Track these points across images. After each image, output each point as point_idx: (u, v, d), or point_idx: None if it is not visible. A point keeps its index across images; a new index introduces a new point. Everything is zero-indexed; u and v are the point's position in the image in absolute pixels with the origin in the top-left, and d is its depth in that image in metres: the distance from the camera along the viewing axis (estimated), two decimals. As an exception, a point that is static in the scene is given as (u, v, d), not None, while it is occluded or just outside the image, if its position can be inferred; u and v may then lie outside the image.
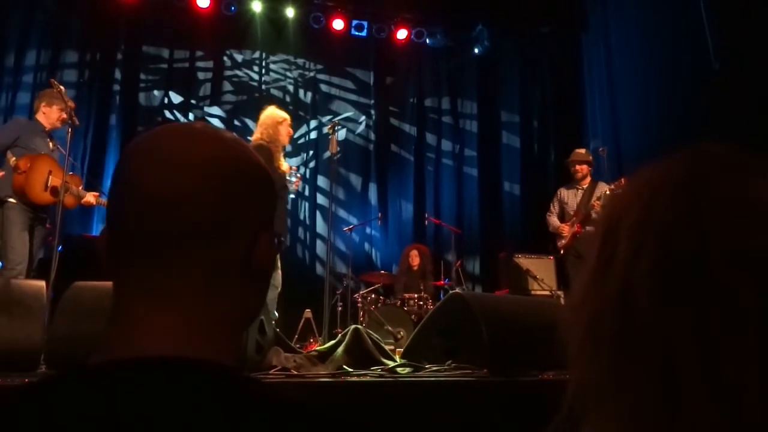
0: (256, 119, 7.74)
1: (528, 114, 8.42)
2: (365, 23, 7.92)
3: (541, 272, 6.19)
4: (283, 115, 4.59)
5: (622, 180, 5.04)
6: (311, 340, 5.57)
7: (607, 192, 5.17)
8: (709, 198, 0.51)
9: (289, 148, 7.53)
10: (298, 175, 4.55)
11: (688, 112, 5.62)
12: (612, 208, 0.56)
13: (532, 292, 6.01)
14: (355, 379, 2.46)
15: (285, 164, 4.52)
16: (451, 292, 3.20)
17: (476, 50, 8.31)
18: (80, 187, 4.57)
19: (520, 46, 8.37)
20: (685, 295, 0.48)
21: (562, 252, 5.53)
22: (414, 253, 6.63)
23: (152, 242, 0.62)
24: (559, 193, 5.75)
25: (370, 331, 3.07)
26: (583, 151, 5.62)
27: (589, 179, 5.51)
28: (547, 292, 5.97)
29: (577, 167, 5.52)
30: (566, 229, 5.49)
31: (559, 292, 5.97)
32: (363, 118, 8.18)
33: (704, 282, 0.48)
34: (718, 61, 5.26)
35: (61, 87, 4.29)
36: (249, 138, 4.80)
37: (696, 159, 0.55)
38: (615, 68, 7.18)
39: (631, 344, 0.49)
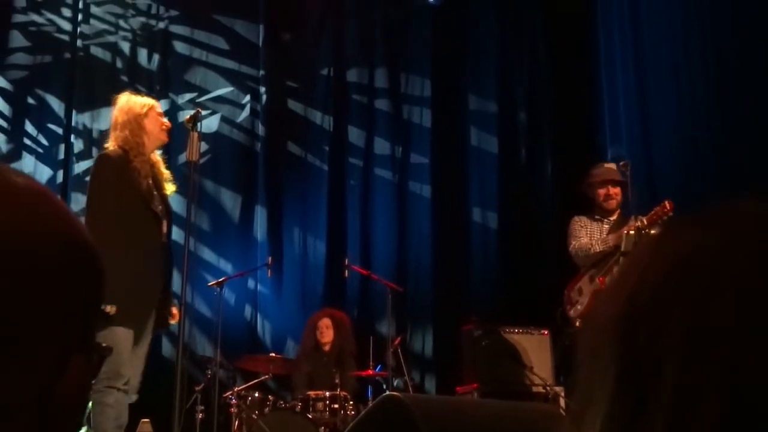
0: (62, 95, 7.66)
1: (511, 101, 8.61)
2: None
3: (531, 356, 6.27)
4: (144, 101, 4.92)
5: (667, 205, 5.11)
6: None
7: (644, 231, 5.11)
8: (714, 292, 0.52)
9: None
10: None
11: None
12: (598, 303, 0.60)
13: (518, 388, 6.06)
14: None
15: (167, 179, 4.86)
16: (385, 393, 3.21)
17: (431, -4, 8.49)
18: None
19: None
20: None
21: (577, 323, 5.56)
22: (326, 323, 6.61)
23: None
24: (579, 220, 5.78)
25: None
26: (613, 166, 5.72)
27: (618, 211, 5.61)
28: (539, 389, 6.05)
29: (611, 191, 5.59)
30: (586, 287, 5.49)
31: (558, 389, 6.06)
32: (246, 98, 8.16)
33: None
34: None
35: None
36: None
37: (718, 221, 0.57)
38: (643, 32, 7.45)
39: None
